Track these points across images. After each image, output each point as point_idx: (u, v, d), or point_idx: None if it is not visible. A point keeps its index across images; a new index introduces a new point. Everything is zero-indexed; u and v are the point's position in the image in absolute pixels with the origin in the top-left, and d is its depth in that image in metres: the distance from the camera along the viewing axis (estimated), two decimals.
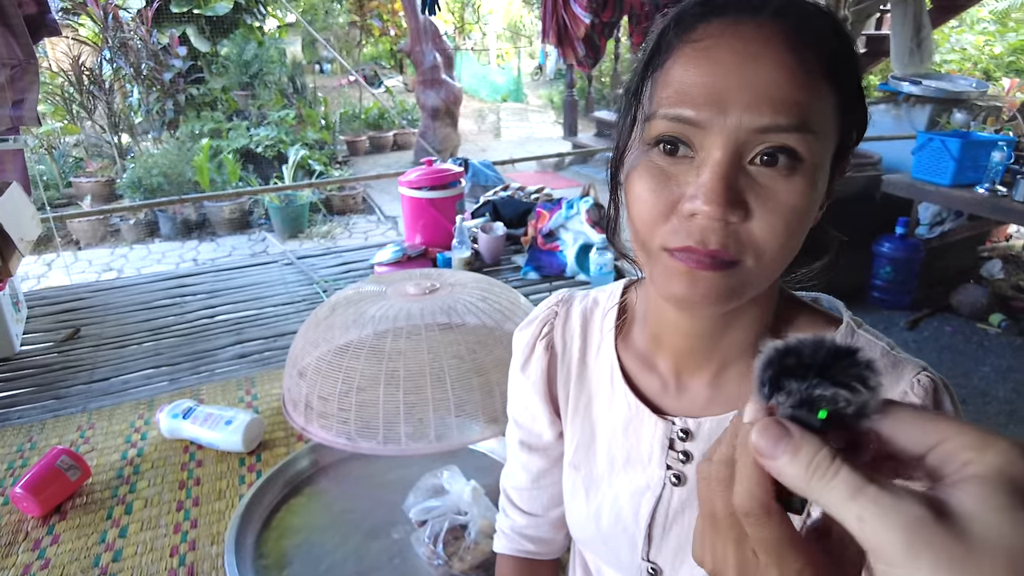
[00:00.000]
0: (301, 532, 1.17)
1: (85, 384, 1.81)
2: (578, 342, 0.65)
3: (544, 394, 0.66)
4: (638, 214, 0.46)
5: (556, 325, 0.66)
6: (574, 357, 0.65)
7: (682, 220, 0.44)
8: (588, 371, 0.64)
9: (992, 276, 4.03)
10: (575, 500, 0.65)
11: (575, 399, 0.64)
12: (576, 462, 0.64)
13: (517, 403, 0.70)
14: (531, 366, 0.67)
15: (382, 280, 1.47)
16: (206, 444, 1.45)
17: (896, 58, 4.26)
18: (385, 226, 5.96)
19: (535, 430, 0.69)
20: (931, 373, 0.50)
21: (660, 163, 0.45)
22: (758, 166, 0.43)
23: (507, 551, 0.76)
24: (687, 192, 0.44)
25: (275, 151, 6.80)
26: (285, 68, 8.09)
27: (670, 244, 0.45)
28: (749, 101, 0.41)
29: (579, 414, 0.64)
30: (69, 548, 1.17)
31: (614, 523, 0.61)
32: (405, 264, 2.40)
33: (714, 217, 0.42)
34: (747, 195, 0.43)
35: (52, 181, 6.21)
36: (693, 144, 0.44)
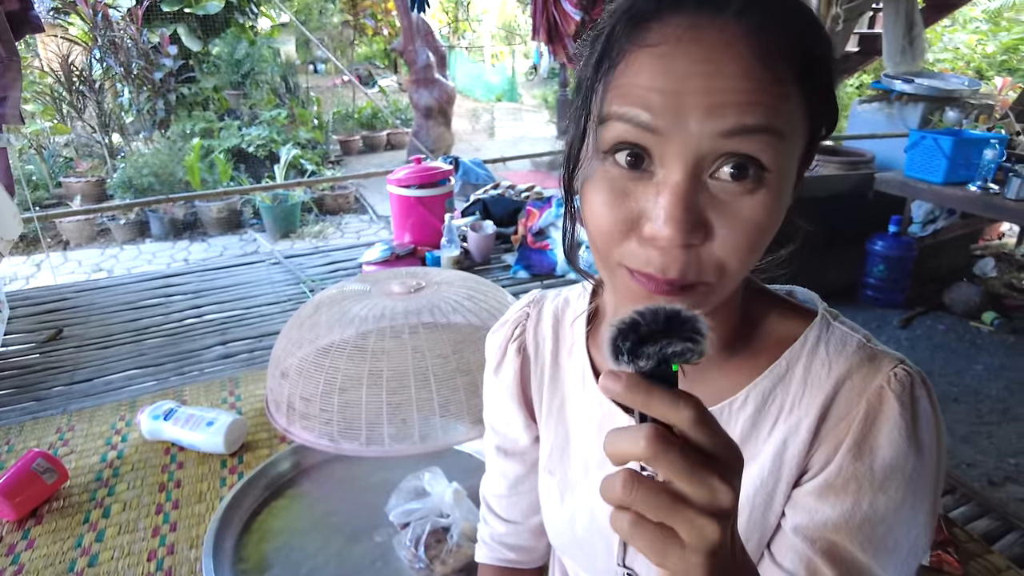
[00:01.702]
0: (282, 535, 1.15)
1: (66, 385, 1.79)
2: (550, 343, 0.63)
3: (518, 398, 0.65)
4: (596, 228, 0.43)
5: (528, 327, 0.65)
6: (547, 359, 0.63)
7: (641, 241, 0.41)
8: (561, 373, 0.62)
9: (985, 274, 4.03)
10: (551, 505, 0.63)
11: (549, 402, 0.63)
12: (551, 467, 0.63)
13: (492, 408, 0.68)
14: (504, 369, 0.65)
15: (367, 279, 1.44)
16: (187, 446, 1.43)
17: (888, 56, 4.26)
18: (377, 225, 5.94)
19: (510, 435, 0.67)
20: (908, 366, 0.48)
21: (617, 176, 0.42)
22: (720, 181, 0.40)
23: (489, 560, 0.75)
24: (647, 211, 0.41)
25: (267, 151, 6.77)
26: (277, 67, 8.05)
27: (629, 264, 0.42)
28: (710, 107, 0.38)
29: (553, 417, 0.63)
30: (44, 553, 1.15)
31: (590, 528, 0.60)
32: (393, 263, 2.38)
33: (675, 244, 0.40)
34: (708, 213, 0.40)
35: (42, 181, 6.16)
36: (652, 156, 0.41)
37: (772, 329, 0.53)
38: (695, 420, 0.32)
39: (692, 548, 0.32)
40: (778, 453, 0.50)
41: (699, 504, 0.32)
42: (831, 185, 3.65)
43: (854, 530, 0.47)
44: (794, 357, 0.51)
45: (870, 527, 0.47)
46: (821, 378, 0.49)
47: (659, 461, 0.32)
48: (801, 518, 0.49)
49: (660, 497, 0.32)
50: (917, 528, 0.48)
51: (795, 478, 0.50)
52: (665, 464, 0.32)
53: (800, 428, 0.49)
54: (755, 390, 0.51)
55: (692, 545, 0.32)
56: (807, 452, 0.49)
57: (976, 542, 1.28)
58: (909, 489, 0.46)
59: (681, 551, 0.32)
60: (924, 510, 0.47)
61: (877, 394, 0.47)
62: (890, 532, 0.47)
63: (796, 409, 0.50)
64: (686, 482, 0.32)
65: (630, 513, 0.33)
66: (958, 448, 2.49)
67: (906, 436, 0.46)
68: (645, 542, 0.33)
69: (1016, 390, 2.91)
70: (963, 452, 2.46)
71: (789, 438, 0.50)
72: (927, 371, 0.70)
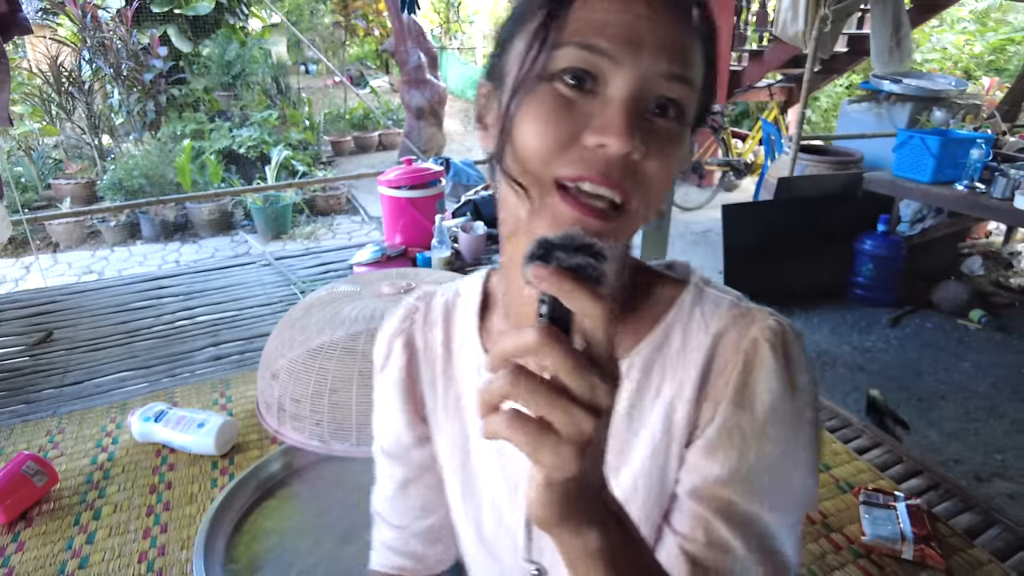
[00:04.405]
0: (273, 536, 1.15)
1: (56, 388, 1.78)
2: (440, 336, 0.61)
3: (404, 396, 0.62)
4: (533, 143, 0.44)
5: (416, 320, 0.63)
6: (438, 353, 0.61)
7: (583, 151, 0.43)
8: (454, 367, 0.61)
9: (972, 272, 4.07)
10: (457, 508, 0.62)
11: (444, 398, 0.61)
12: (453, 466, 0.61)
13: (378, 409, 0.65)
14: (390, 366, 0.62)
15: (357, 280, 1.45)
16: (178, 447, 1.43)
17: (876, 56, 4.29)
18: (369, 226, 5.93)
19: (395, 436, 0.64)
20: (779, 318, 0.51)
21: (564, 93, 0.44)
22: (651, 114, 0.44)
23: (379, 567, 0.70)
24: (592, 124, 0.43)
25: (258, 152, 6.74)
26: (268, 68, 8.02)
27: (566, 173, 0.44)
28: (659, 47, 0.43)
29: (450, 414, 0.61)
30: (34, 556, 1.15)
31: (497, 525, 0.59)
32: (385, 264, 2.38)
33: (621, 150, 0.42)
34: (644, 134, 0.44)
35: (31, 183, 6.11)
36: (601, 78, 0.44)
37: (652, 299, 0.55)
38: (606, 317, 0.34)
39: (566, 438, 0.33)
40: (667, 416, 0.52)
41: (578, 397, 0.33)
42: (820, 185, 3.67)
43: (743, 482, 0.49)
44: (671, 323, 0.53)
45: (757, 476, 0.49)
46: (699, 339, 0.51)
47: (546, 351, 0.33)
48: (693, 479, 0.50)
49: (541, 387, 0.33)
50: (801, 469, 0.50)
51: (686, 440, 0.52)
52: (552, 354, 0.33)
53: (684, 390, 0.51)
54: (638, 357, 0.53)
55: (566, 435, 0.33)
56: (694, 412, 0.51)
57: (959, 536, 1.30)
58: (790, 431, 0.49)
59: (555, 443, 0.33)
60: (805, 451, 0.50)
61: (752, 345, 0.49)
62: (777, 478, 0.49)
63: (679, 371, 0.52)
64: (568, 374, 0.33)
65: (508, 412, 0.34)
66: (946, 444, 2.51)
67: (782, 379, 0.48)
68: (520, 434, 0.34)
69: (1003, 387, 2.94)
70: (951, 448, 2.48)
71: (675, 400, 0.51)
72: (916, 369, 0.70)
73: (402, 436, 0.63)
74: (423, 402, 0.62)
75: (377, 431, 0.66)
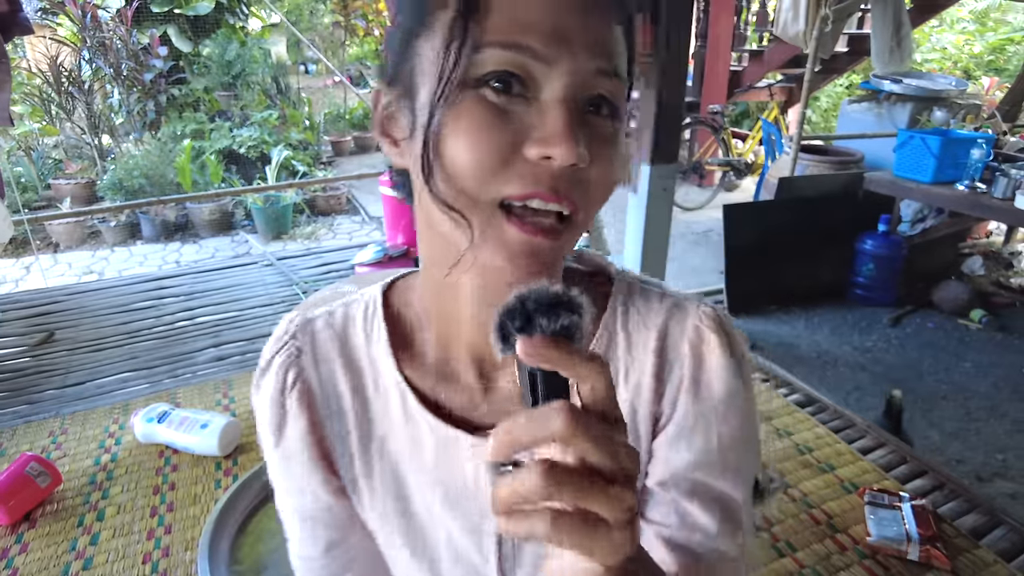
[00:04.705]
0: (277, 536, 1.14)
1: (58, 389, 1.78)
2: (344, 377, 0.52)
3: (313, 457, 0.53)
4: (468, 161, 0.39)
5: (305, 365, 0.52)
6: (345, 397, 0.52)
7: (525, 165, 0.39)
8: (370, 408, 0.53)
9: (973, 272, 4.07)
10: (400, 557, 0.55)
11: (363, 448, 0.53)
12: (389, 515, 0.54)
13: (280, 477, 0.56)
14: (287, 434, 0.52)
15: (359, 280, 1.45)
16: (181, 448, 1.43)
17: (877, 56, 4.29)
18: (370, 227, 5.92)
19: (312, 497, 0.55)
20: (706, 302, 0.52)
21: (493, 100, 0.39)
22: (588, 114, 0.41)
23: None
24: (533, 134, 0.39)
25: (258, 152, 6.74)
26: (268, 68, 8.02)
27: (512, 192, 0.40)
28: (587, 42, 0.40)
29: (375, 462, 0.53)
30: (38, 557, 1.15)
31: (455, 565, 0.54)
32: (386, 264, 2.38)
33: (568, 160, 0.38)
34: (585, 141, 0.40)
35: (30, 183, 6.10)
36: (532, 81, 0.39)
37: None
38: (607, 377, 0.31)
39: (616, 524, 0.30)
40: (631, 420, 0.51)
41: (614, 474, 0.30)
42: (821, 185, 3.67)
43: (710, 463, 0.50)
44: (612, 326, 0.52)
45: (723, 456, 0.50)
46: (644, 337, 0.51)
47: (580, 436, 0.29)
48: (661, 470, 0.51)
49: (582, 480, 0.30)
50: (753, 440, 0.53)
51: (651, 436, 0.52)
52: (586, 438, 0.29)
53: (642, 388, 0.51)
54: None
55: (616, 520, 0.30)
56: (654, 408, 0.51)
57: (964, 537, 1.30)
58: (743, 405, 0.51)
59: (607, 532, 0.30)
60: (753, 422, 0.53)
61: (695, 333, 0.50)
62: (738, 454, 0.51)
63: (632, 372, 0.51)
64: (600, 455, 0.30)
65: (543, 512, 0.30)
66: (947, 444, 2.51)
67: (730, 360, 0.50)
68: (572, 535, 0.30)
69: (1004, 387, 2.94)
70: (952, 448, 2.48)
71: (635, 402, 0.51)
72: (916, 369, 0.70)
73: (320, 496, 0.54)
74: (332, 454, 0.54)
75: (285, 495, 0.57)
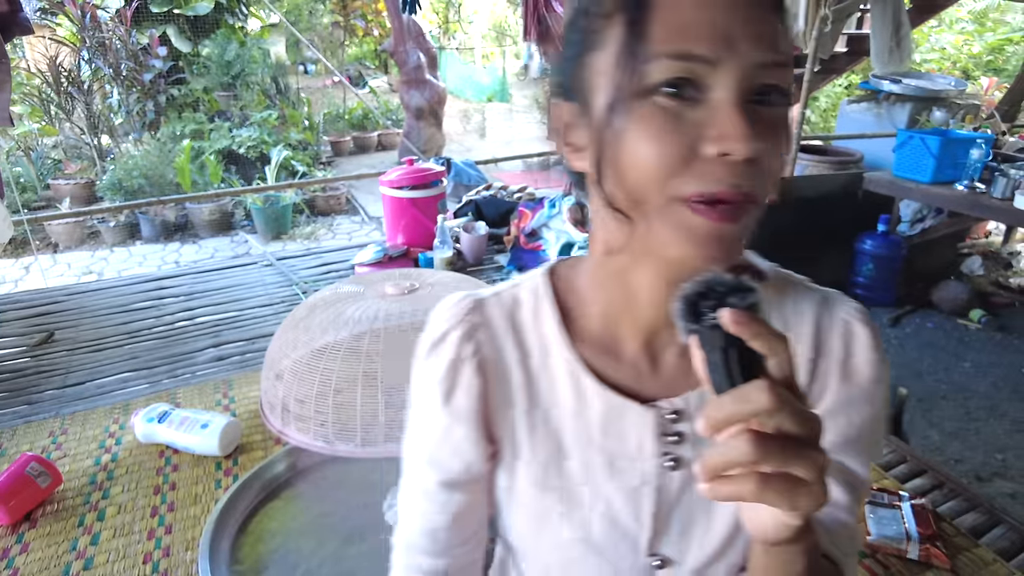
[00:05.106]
0: (277, 537, 1.15)
1: (58, 389, 1.78)
2: (514, 353, 0.57)
3: (478, 423, 0.57)
4: (645, 164, 0.43)
5: (480, 340, 0.56)
6: (513, 371, 0.56)
7: (706, 164, 0.42)
8: (535, 381, 0.57)
9: (972, 272, 4.07)
10: (547, 526, 0.58)
11: (527, 416, 0.57)
12: (542, 482, 0.57)
13: (435, 442, 0.58)
14: (458, 397, 0.56)
15: (360, 280, 1.45)
16: (182, 448, 1.43)
17: (876, 57, 4.29)
18: (369, 227, 5.93)
19: (464, 465, 0.58)
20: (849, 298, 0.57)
21: (667, 106, 0.42)
22: (757, 104, 0.43)
23: None
24: (707, 134, 0.42)
25: (258, 152, 6.74)
26: (268, 68, 8.02)
27: (693, 192, 0.42)
28: (751, 37, 0.42)
29: (538, 431, 0.57)
30: (39, 557, 1.15)
31: (610, 530, 0.57)
32: (386, 264, 2.38)
33: (746, 155, 0.41)
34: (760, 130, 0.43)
35: (30, 183, 6.10)
36: (701, 84, 0.42)
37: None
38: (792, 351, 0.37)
39: (814, 481, 0.36)
40: None
41: (808, 439, 0.36)
42: (820, 185, 3.67)
43: (849, 445, 0.55)
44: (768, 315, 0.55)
45: (859, 438, 0.55)
46: (798, 326, 0.56)
47: (782, 408, 0.35)
48: None
49: (785, 447, 0.36)
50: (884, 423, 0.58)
51: None
52: (784, 411, 0.35)
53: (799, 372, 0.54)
54: None
55: (813, 479, 0.36)
56: (807, 390, 0.55)
57: (963, 536, 1.30)
58: (881, 396, 0.56)
59: (807, 489, 0.36)
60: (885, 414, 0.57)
61: (845, 326, 0.55)
62: (873, 437, 0.56)
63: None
64: (796, 424, 0.36)
65: (750, 475, 0.36)
66: (947, 444, 2.51)
67: (877, 351, 0.55)
68: (777, 494, 0.36)
69: (1003, 386, 2.94)
70: (951, 448, 2.48)
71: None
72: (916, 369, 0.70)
73: (473, 464, 0.58)
74: (494, 422, 0.58)
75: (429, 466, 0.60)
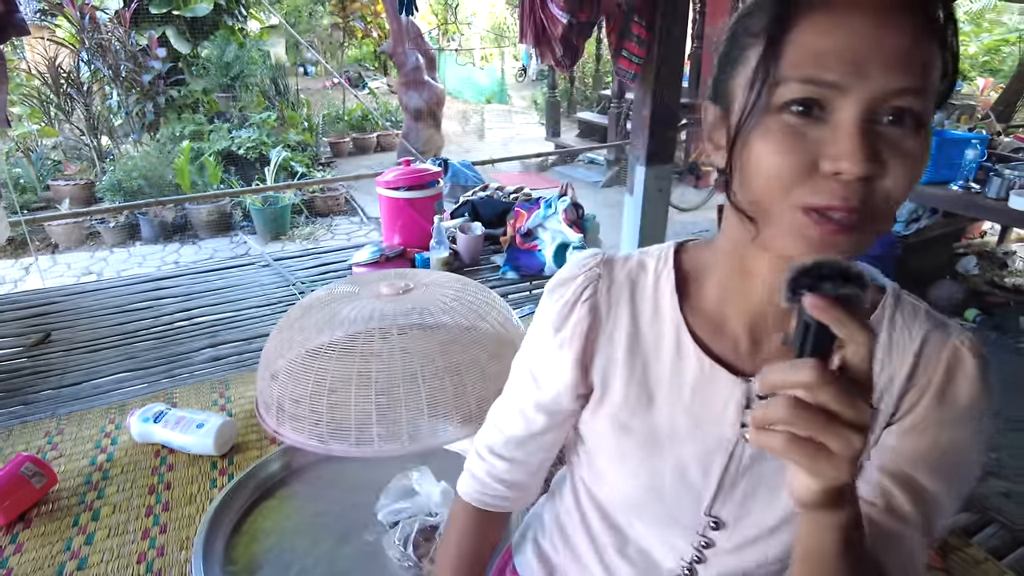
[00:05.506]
0: (272, 536, 1.15)
1: (55, 389, 1.79)
2: (626, 307, 0.63)
3: (578, 357, 0.63)
4: (771, 173, 0.46)
5: (600, 289, 0.63)
6: (622, 321, 0.63)
7: (822, 179, 0.45)
8: (641, 336, 0.62)
9: (967, 272, 4.08)
10: (624, 464, 0.64)
11: (627, 363, 0.62)
12: (628, 424, 0.63)
13: (542, 364, 0.66)
14: (568, 327, 0.63)
15: (356, 281, 1.45)
16: (178, 448, 1.43)
17: None
18: (368, 227, 5.93)
19: (557, 392, 0.65)
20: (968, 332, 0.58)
21: (793, 123, 0.46)
22: (886, 126, 0.45)
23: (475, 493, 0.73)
24: (826, 151, 0.45)
25: (257, 153, 6.74)
26: (267, 70, 8.02)
27: (809, 203, 0.46)
28: (884, 64, 0.43)
29: (633, 378, 0.62)
30: (32, 557, 1.15)
31: (678, 482, 0.62)
32: (383, 265, 2.39)
33: (858, 175, 0.44)
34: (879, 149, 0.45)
35: (29, 184, 6.10)
36: (828, 105, 0.45)
37: None
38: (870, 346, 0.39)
39: (842, 457, 0.40)
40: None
41: (849, 421, 0.39)
42: None
43: (929, 462, 0.55)
44: (877, 323, 0.58)
45: (941, 459, 0.56)
46: (905, 341, 0.57)
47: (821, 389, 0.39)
48: (884, 456, 0.57)
49: (818, 416, 0.39)
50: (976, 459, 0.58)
51: (884, 425, 0.58)
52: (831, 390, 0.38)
53: (893, 384, 0.57)
54: None
55: (842, 455, 0.40)
56: (897, 403, 0.57)
57: (955, 536, 1.31)
58: (977, 427, 0.56)
59: (830, 460, 0.40)
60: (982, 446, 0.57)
61: (953, 352, 0.56)
62: (958, 464, 0.57)
63: (887, 368, 0.57)
64: (839, 404, 0.39)
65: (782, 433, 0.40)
66: None
67: (981, 383, 0.56)
68: (798, 456, 0.40)
69: (997, 386, 2.95)
70: None
71: (883, 392, 0.57)
72: None
73: (565, 392, 0.65)
74: (592, 364, 0.64)
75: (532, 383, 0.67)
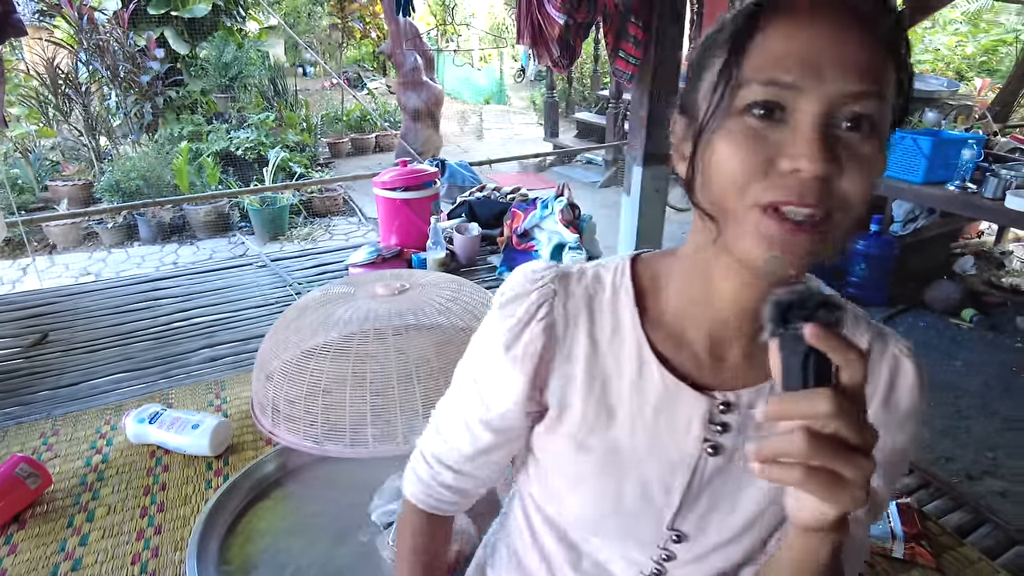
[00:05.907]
0: (266, 537, 1.16)
1: (51, 390, 1.79)
2: (584, 324, 0.61)
3: (531, 378, 0.61)
4: (729, 173, 0.48)
5: (556, 305, 0.61)
6: (580, 339, 0.61)
7: (779, 177, 0.46)
8: (600, 354, 0.61)
9: (964, 272, 4.09)
10: (582, 484, 0.63)
11: (585, 382, 0.61)
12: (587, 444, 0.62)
13: (489, 380, 0.64)
14: (520, 346, 0.61)
15: (352, 281, 1.46)
16: (173, 449, 1.43)
17: None
18: (366, 228, 5.93)
19: (504, 411, 0.64)
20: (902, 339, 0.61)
21: (755, 125, 0.47)
22: (844, 131, 0.47)
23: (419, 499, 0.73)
24: (785, 151, 0.46)
25: (255, 153, 6.74)
26: (266, 70, 8.02)
27: (765, 199, 0.47)
28: (842, 67, 0.45)
29: (592, 395, 0.61)
30: (27, 558, 1.15)
31: (639, 500, 0.62)
32: (380, 265, 2.39)
33: (815, 174, 0.45)
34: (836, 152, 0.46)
35: (27, 185, 6.10)
36: (788, 107, 0.46)
37: None
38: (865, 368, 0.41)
39: (857, 484, 0.41)
40: None
41: (860, 447, 0.40)
42: None
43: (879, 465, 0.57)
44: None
45: (888, 461, 0.59)
46: None
47: (840, 416, 0.40)
48: None
49: (835, 449, 0.40)
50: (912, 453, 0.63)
51: None
52: (845, 418, 0.40)
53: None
54: None
55: (857, 482, 0.41)
56: None
57: (948, 535, 1.31)
58: (915, 429, 0.61)
59: (846, 488, 0.41)
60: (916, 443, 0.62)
61: (895, 360, 0.60)
62: (900, 462, 0.62)
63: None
64: (852, 432, 0.40)
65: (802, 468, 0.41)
66: (937, 442, 2.52)
67: (920, 387, 0.60)
68: (820, 486, 0.41)
69: (994, 385, 2.96)
70: (942, 446, 2.50)
71: None
72: None
73: (515, 410, 0.63)
74: (547, 384, 0.62)
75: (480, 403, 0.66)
